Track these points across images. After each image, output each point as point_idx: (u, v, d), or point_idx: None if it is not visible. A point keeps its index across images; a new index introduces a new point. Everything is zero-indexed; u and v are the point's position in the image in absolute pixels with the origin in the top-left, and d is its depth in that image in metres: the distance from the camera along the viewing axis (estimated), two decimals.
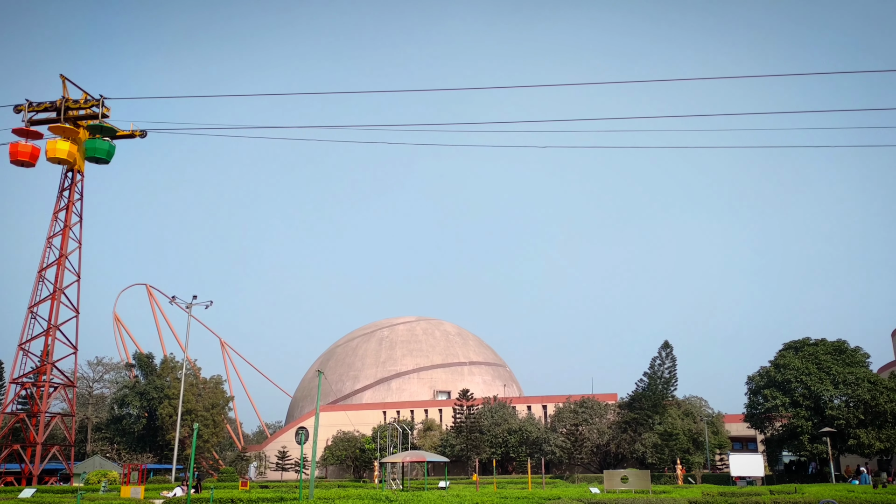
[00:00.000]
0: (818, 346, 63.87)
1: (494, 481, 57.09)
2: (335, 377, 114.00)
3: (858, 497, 26.98)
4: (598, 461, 76.86)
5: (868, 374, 61.12)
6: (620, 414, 77.24)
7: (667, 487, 43.64)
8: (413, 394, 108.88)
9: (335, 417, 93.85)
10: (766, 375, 63.96)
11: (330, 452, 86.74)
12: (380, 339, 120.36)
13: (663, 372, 73.63)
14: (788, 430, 61.79)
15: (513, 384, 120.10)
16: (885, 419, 58.33)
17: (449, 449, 78.36)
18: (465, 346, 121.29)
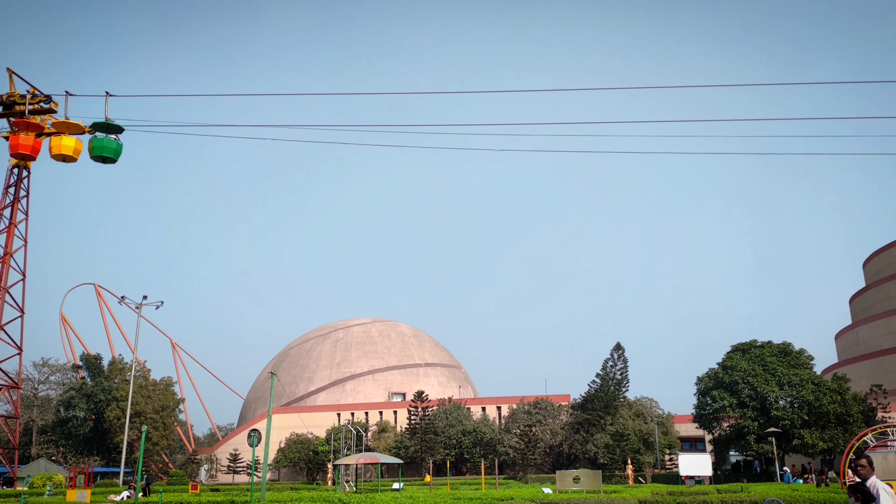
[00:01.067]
0: (764, 349, 65.45)
1: (448, 482, 57.22)
2: (289, 379, 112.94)
3: (802, 496, 27.71)
4: (551, 462, 77.55)
5: (812, 375, 62.85)
6: (573, 415, 78.06)
7: (617, 487, 44.24)
8: (368, 395, 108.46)
9: (288, 419, 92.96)
10: (714, 377, 65.32)
11: (283, 455, 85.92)
12: (335, 341, 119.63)
13: (615, 373, 74.64)
14: (735, 431, 63.16)
15: (468, 386, 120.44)
16: (827, 420, 60.01)
17: (403, 450, 78.26)
18: (421, 348, 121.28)
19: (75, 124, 22.51)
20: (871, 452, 37.05)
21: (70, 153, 22.77)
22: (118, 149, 23.03)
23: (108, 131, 22.18)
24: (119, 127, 22.41)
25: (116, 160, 23.50)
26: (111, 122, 22.14)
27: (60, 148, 23.03)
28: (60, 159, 23.40)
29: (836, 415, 59.92)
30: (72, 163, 23.49)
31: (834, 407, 59.62)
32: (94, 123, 22.02)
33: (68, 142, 22.50)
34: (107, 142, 22.39)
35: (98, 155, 22.88)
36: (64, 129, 23.17)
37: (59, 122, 23.03)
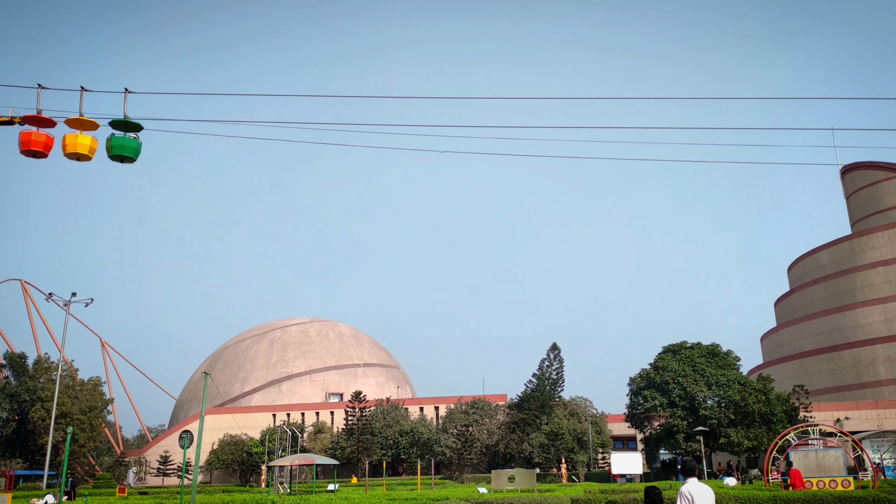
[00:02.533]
0: (694, 350, 67.23)
1: (384, 483, 57.14)
2: (223, 379, 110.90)
3: (727, 493, 28.60)
4: (488, 461, 78.13)
5: (738, 376, 64.87)
6: (510, 414, 78.76)
7: (551, 486, 44.87)
8: (305, 396, 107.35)
9: (222, 420, 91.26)
10: (646, 377, 66.79)
11: (215, 457, 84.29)
12: (271, 341, 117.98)
13: (551, 373, 75.64)
14: (666, 430, 64.71)
15: (406, 386, 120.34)
16: (752, 419, 62.02)
17: (340, 451, 77.75)
18: (360, 348, 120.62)
19: (90, 121, 21.40)
20: (793, 451, 38.52)
21: (86, 152, 21.68)
22: (138, 148, 22.31)
23: (127, 129, 21.37)
24: (138, 125, 21.57)
25: (136, 159, 22.78)
26: (130, 119, 21.27)
27: (76, 146, 21.86)
28: (74, 158, 22.27)
29: (761, 414, 61.96)
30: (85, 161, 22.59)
31: (759, 407, 61.64)
32: (112, 121, 21.13)
33: (84, 140, 21.41)
34: (127, 140, 21.58)
35: (117, 154, 21.99)
36: (78, 127, 22.05)
37: (73, 119, 21.86)
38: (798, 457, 34.53)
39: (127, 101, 22.90)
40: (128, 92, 22.75)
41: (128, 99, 23.11)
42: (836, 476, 32.37)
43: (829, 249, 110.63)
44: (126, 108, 22.78)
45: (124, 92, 22.97)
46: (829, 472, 32.89)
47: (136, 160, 23.78)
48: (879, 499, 25.02)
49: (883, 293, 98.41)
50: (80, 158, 22.97)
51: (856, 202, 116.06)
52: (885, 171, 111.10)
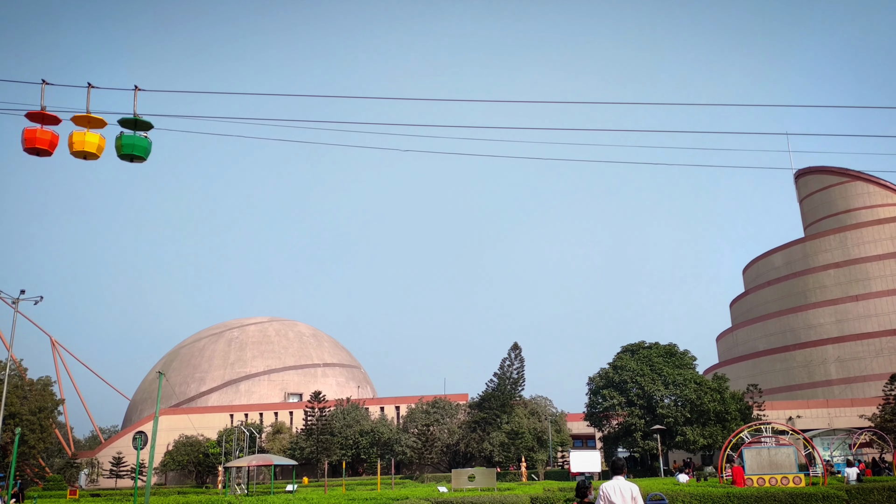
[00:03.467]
0: (652, 350, 68.19)
1: (343, 483, 56.82)
2: (179, 379, 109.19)
3: (683, 490, 29.03)
4: (448, 460, 78.17)
5: (695, 375, 65.95)
6: (471, 414, 78.88)
7: (511, 485, 45.04)
8: (263, 396, 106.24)
9: (178, 421, 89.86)
10: (605, 376, 67.52)
11: (171, 458, 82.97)
12: (229, 340, 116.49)
13: (512, 373, 75.99)
14: (624, 428, 65.50)
15: (367, 386, 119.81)
16: (708, 417, 63.10)
17: (299, 452, 77.10)
18: (320, 348, 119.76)
19: (98, 119, 20.56)
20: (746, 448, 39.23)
21: (94, 150, 20.84)
22: (149, 147, 21.71)
23: (137, 128, 20.72)
24: (148, 123, 20.95)
25: (146, 158, 22.15)
26: (140, 118, 20.63)
27: (84, 145, 20.98)
28: (81, 156, 21.38)
29: (716, 413, 63.05)
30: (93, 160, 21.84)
31: (714, 405, 62.72)
32: (121, 119, 20.44)
33: (92, 138, 20.58)
34: (137, 139, 21.00)
35: (128, 153, 21.32)
36: (85, 124, 21.14)
37: (80, 117, 20.97)
38: (751, 454, 35.11)
39: (137, 98, 22.34)
40: (138, 90, 22.15)
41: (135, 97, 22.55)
42: (787, 473, 33.01)
43: (782, 252, 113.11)
44: (136, 105, 22.21)
45: (134, 89, 22.36)
46: (781, 469, 33.52)
47: (147, 159, 23.22)
48: (829, 495, 25.66)
49: (834, 295, 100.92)
50: (87, 157, 22.35)
51: (809, 206, 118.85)
52: (838, 176, 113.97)
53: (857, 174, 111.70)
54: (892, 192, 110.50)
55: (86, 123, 21.52)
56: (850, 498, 25.82)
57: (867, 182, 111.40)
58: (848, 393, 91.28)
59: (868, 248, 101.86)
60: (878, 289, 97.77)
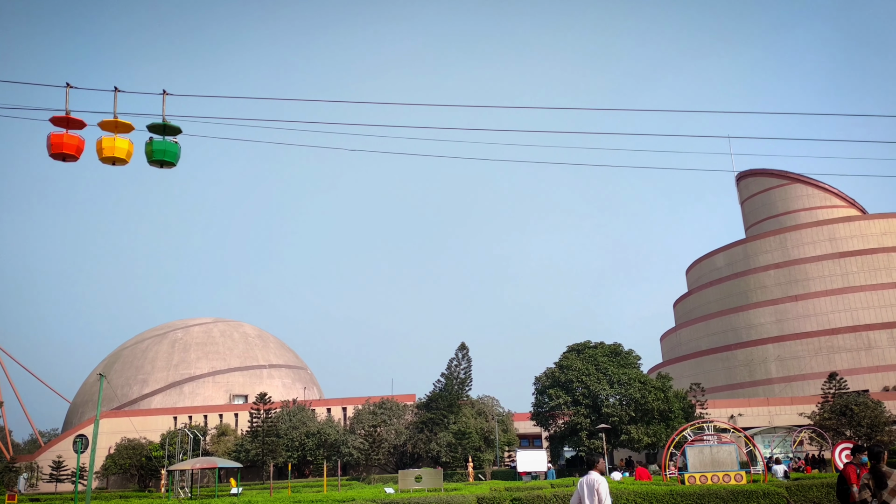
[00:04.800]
0: (597, 349, 68.92)
1: (289, 485, 56.05)
2: (121, 381, 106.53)
3: (627, 488, 29.29)
4: (395, 462, 77.78)
5: (639, 374, 66.86)
6: (418, 414, 78.64)
7: (458, 485, 44.96)
8: (208, 398, 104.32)
9: (119, 424, 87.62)
10: (551, 376, 67.99)
11: (112, 461, 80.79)
12: (173, 341, 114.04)
13: (459, 372, 75.99)
14: (570, 427, 66.03)
15: (313, 387, 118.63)
16: (652, 416, 64.07)
17: (244, 454, 75.86)
18: (266, 349, 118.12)
19: (125, 123, 19.48)
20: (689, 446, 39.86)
21: (123, 156, 19.83)
22: (178, 152, 20.94)
23: (165, 133, 19.85)
24: (177, 128, 20.08)
25: (176, 164, 21.26)
26: (168, 123, 19.73)
27: (114, 150, 19.88)
28: (110, 162, 20.25)
29: (660, 411, 64.04)
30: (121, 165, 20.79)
31: (658, 404, 63.69)
32: (150, 125, 19.58)
33: (122, 143, 19.56)
34: (168, 145, 20.19)
35: (158, 159, 20.43)
36: (112, 129, 19.99)
37: (107, 122, 19.79)
38: (693, 452, 35.63)
39: (165, 102, 21.44)
40: (166, 94, 21.24)
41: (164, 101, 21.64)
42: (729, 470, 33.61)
43: (724, 253, 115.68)
44: (164, 109, 21.34)
45: (162, 94, 21.45)
46: (722, 466, 34.10)
47: (177, 164, 22.38)
48: (769, 492, 26.15)
49: (774, 295, 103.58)
50: (115, 163, 21.39)
51: (750, 208, 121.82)
52: (777, 179, 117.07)
53: (797, 177, 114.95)
54: (830, 195, 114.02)
55: (113, 128, 20.68)
56: (789, 495, 26.36)
57: (806, 184, 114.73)
58: (788, 391, 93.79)
59: (807, 250, 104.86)
60: (817, 289, 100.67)
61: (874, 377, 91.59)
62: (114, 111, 21.02)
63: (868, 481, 12.86)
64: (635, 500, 26.19)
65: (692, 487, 27.93)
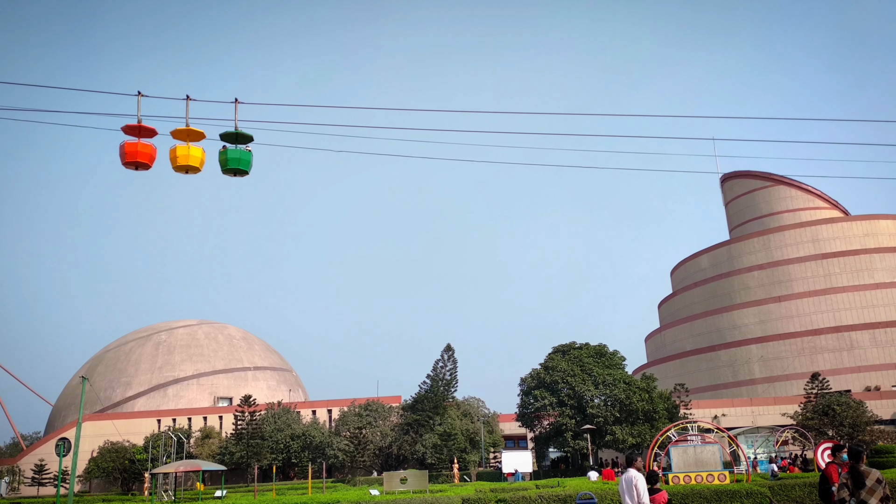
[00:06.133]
0: (582, 350, 69.08)
1: (274, 488, 55.77)
2: (105, 384, 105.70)
3: (612, 489, 29.37)
4: (381, 463, 77.60)
5: (624, 375, 67.07)
6: (403, 416, 78.48)
7: (443, 486, 44.90)
8: (192, 401, 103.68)
9: (103, 427, 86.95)
10: (536, 377, 68.07)
11: (95, 464, 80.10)
12: (157, 344, 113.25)
13: (445, 374, 75.89)
14: (555, 428, 66.13)
15: (299, 389, 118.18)
16: (636, 416, 64.26)
17: (229, 456, 75.44)
18: (251, 351, 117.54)
19: (197, 132, 19.27)
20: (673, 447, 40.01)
21: (196, 164, 19.69)
22: (251, 160, 20.97)
23: (237, 141, 19.79)
24: (249, 136, 20.04)
25: (249, 172, 21.24)
26: (241, 131, 19.69)
27: (188, 159, 19.70)
28: (182, 171, 20.05)
29: (644, 412, 64.24)
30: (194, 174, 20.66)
31: (642, 405, 63.90)
32: (223, 133, 19.52)
33: (196, 152, 19.40)
34: (242, 153, 20.16)
35: (233, 168, 20.35)
36: (184, 138, 19.78)
37: (179, 131, 19.54)
38: (678, 452, 35.80)
39: (237, 111, 21.27)
40: (238, 102, 21.05)
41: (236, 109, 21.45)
42: (713, 470, 33.79)
43: (709, 254, 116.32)
44: (237, 118, 21.19)
45: (234, 102, 21.26)
46: (706, 466, 34.29)
47: (250, 172, 22.27)
48: (752, 491, 26.32)
49: (758, 296, 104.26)
50: (188, 171, 21.21)
51: (734, 209, 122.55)
52: (761, 181, 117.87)
53: (780, 178, 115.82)
54: (813, 197, 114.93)
55: (185, 137, 20.51)
56: (772, 494, 26.52)
57: (789, 186, 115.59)
58: (771, 392, 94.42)
59: (790, 251, 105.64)
60: (800, 290, 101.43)
61: (856, 377, 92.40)
62: (186, 119, 20.89)
63: (846, 480, 12.93)
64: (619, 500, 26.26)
65: (676, 487, 28.06)
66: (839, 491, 12.96)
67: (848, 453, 13.37)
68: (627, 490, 15.31)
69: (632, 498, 15.18)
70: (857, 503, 12.68)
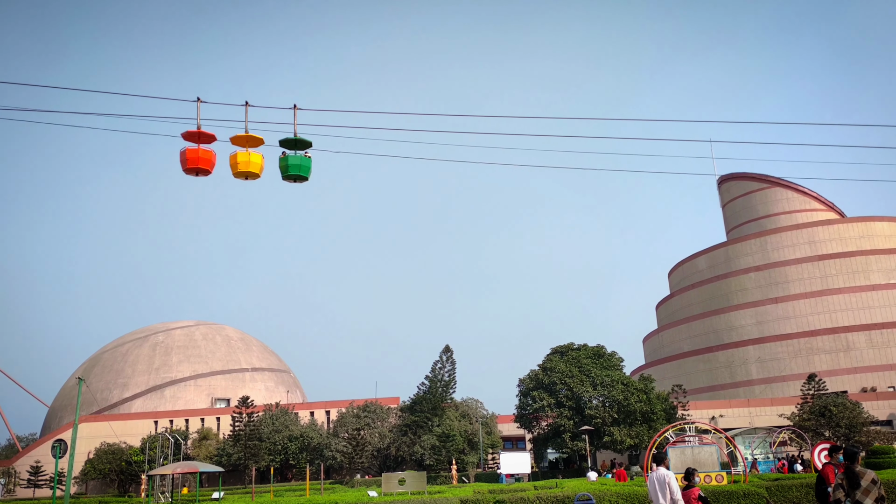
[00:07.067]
0: (580, 351, 69.20)
1: (271, 489, 55.77)
2: (101, 385, 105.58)
3: (610, 489, 29.46)
4: (379, 465, 77.61)
5: (622, 376, 67.19)
6: (402, 417, 78.50)
7: (441, 488, 44.96)
8: (189, 402, 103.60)
9: (99, 428, 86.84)
10: (534, 378, 68.16)
11: (91, 466, 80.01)
12: (154, 345, 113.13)
13: (443, 375, 75.96)
14: (553, 429, 66.23)
15: (297, 390, 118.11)
16: (634, 417, 64.37)
17: (226, 458, 75.37)
18: (248, 352, 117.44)
19: (256, 138, 19.38)
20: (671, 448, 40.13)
21: (257, 171, 19.85)
22: (311, 166, 21.18)
23: (297, 147, 19.93)
24: (308, 142, 20.17)
25: (308, 178, 21.41)
26: (300, 137, 19.81)
27: (249, 165, 19.81)
28: (242, 177, 20.16)
29: (642, 413, 64.35)
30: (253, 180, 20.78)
31: (640, 406, 64.01)
32: (282, 140, 19.71)
33: (256, 158, 19.54)
34: (303, 160, 20.38)
35: (294, 174, 20.52)
36: (243, 144, 19.85)
37: (239, 137, 19.60)
38: (675, 453, 35.91)
39: (296, 117, 21.38)
40: (296, 108, 21.12)
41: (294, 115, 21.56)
42: (710, 471, 33.89)
43: (706, 255, 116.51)
44: (296, 124, 21.32)
45: (293, 108, 21.35)
46: (704, 467, 34.38)
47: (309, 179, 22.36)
48: (749, 492, 26.43)
49: (755, 297, 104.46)
50: (248, 177, 21.30)
51: (731, 211, 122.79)
52: (758, 182, 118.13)
53: (777, 180, 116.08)
54: (809, 198, 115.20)
55: (244, 143, 20.59)
56: (769, 495, 26.63)
57: (786, 188, 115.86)
58: (768, 392, 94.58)
59: (787, 252, 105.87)
60: (796, 291, 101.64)
61: (852, 378, 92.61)
62: (245, 126, 20.97)
63: (842, 481, 13.03)
64: (618, 501, 26.39)
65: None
66: (835, 491, 13.06)
67: (844, 454, 13.47)
68: (660, 488, 15.51)
69: (664, 496, 15.41)
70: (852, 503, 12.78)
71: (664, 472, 15.63)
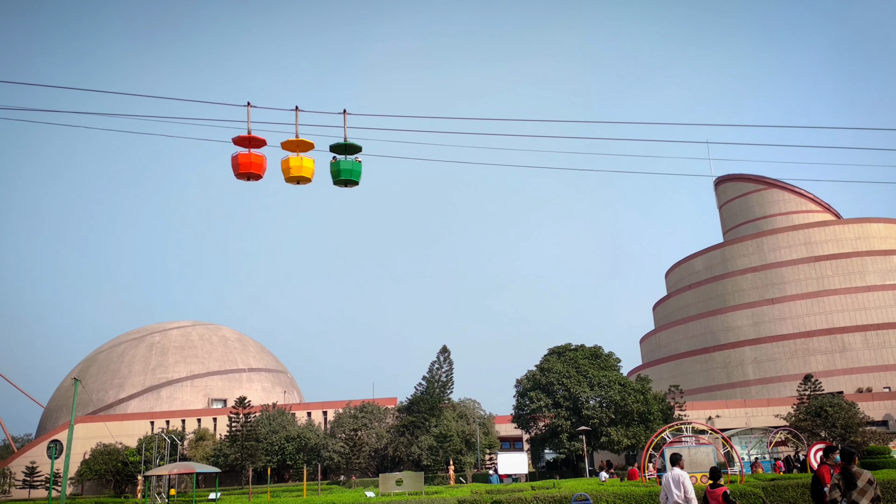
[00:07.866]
0: (578, 352, 69.29)
1: (268, 490, 55.74)
2: (97, 385, 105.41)
3: (607, 490, 29.51)
4: (376, 465, 77.59)
5: (619, 377, 67.30)
6: (399, 417, 78.49)
7: (439, 488, 44.98)
8: (186, 402, 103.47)
9: (95, 429, 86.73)
10: (532, 378, 68.23)
11: (87, 467, 79.84)
12: (150, 345, 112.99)
13: (441, 376, 75.97)
14: (550, 430, 66.30)
15: (294, 391, 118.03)
16: (631, 418, 64.48)
17: (223, 459, 75.27)
18: (245, 353, 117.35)
19: (307, 142, 19.37)
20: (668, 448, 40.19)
21: (309, 175, 19.90)
22: (361, 170, 21.26)
23: (347, 152, 20.00)
24: (358, 146, 20.20)
25: (359, 183, 21.50)
26: (350, 142, 19.86)
27: (301, 170, 19.85)
28: (294, 182, 20.20)
29: (639, 413, 64.47)
30: (305, 184, 20.78)
31: (637, 406, 64.12)
32: (333, 145, 19.80)
33: (308, 163, 19.60)
34: (354, 164, 20.48)
35: (345, 178, 20.60)
36: (294, 149, 19.86)
37: (290, 142, 19.60)
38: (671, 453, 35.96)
39: (346, 122, 21.43)
40: (346, 113, 21.14)
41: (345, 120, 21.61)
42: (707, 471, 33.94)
43: (703, 256, 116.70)
44: (346, 130, 21.38)
45: (343, 113, 21.38)
46: (700, 467, 34.47)
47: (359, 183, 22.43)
48: (746, 492, 26.51)
49: (751, 298, 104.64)
50: (300, 182, 21.32)
51: (728, 212, 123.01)
52: (755, 184, 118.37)
53: (773, 182, 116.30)
54: (806, 200, 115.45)
55: (294, 147, 20.61)
56: (765, 495, 26.70)
57: (782, 189, 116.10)
58: (764, 393, 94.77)
59: (783, 254, 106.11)
60: (793, 292, 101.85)
61: (848, 379, 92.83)
62: (295, 131, 21.01)
63: (838, 481, 13.09)
64: (615, 501, 26.45)
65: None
66: (831, 491, 13.12)
67: (840, 454, 13.53)
68: (675, 487, 16.14)
69: (679, 492, 16.09)
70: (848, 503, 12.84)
71: (678, 472, 16.39)
